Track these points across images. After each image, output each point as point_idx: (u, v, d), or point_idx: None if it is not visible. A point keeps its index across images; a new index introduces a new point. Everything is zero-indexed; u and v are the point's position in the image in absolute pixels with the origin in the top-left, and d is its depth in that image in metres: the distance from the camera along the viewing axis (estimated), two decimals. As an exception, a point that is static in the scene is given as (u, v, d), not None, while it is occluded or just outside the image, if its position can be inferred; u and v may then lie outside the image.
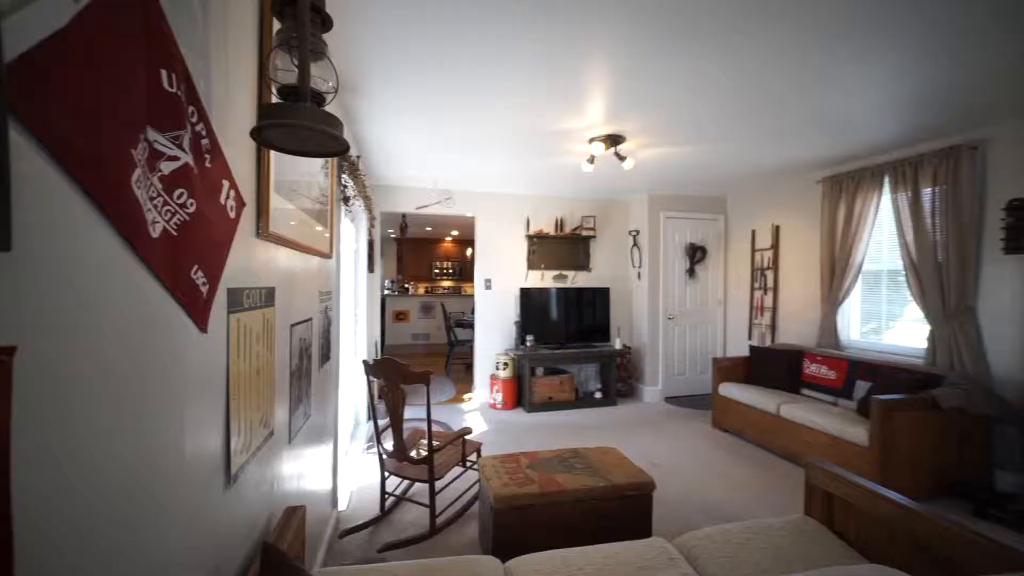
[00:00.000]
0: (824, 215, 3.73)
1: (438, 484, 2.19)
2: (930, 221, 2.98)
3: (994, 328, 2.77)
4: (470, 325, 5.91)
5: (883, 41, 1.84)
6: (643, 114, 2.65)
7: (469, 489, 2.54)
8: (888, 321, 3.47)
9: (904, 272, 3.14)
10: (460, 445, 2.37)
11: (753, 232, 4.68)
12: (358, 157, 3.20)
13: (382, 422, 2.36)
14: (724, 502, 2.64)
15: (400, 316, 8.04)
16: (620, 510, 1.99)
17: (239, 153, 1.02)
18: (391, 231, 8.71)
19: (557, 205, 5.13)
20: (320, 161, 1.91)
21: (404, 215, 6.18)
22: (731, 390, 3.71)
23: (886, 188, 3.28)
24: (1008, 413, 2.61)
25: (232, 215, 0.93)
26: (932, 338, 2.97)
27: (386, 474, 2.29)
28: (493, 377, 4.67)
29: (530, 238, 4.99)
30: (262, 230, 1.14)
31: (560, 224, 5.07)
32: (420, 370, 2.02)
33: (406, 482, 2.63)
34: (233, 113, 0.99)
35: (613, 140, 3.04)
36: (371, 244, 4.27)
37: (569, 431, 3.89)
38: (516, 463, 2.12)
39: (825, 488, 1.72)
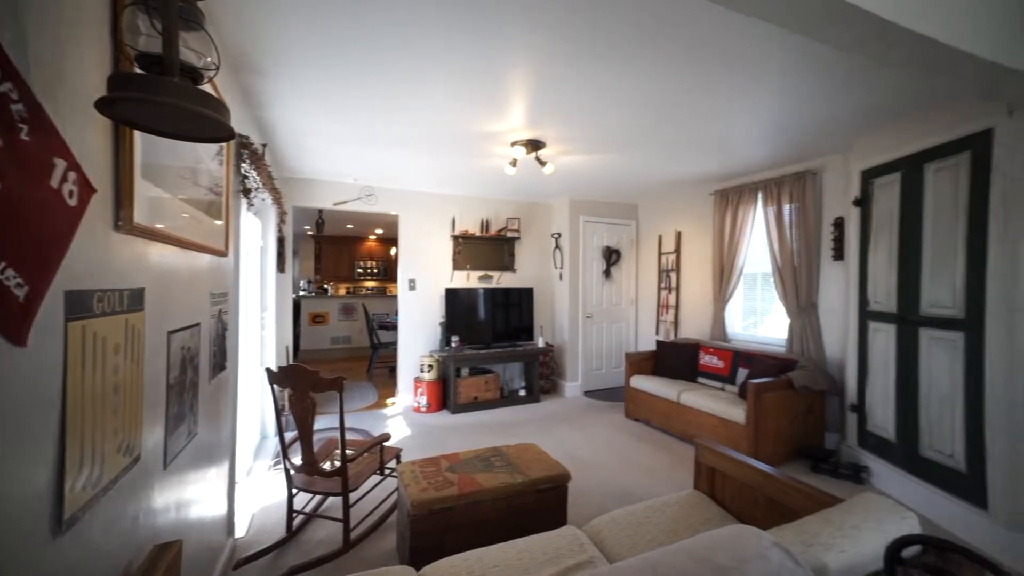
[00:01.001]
0: (715, 224, 4.23)
1: (354, 495, 2.09)
2: (789, 232, 3.53)
3: (827, 320, 3.38)
4: (394, 327, 5.71)
5: (753, 78, 2.13)
6: (560, 122, 2.78)
7: (388, 497, 2.46)
8: (762, 316, 4.03)
9: (772, 274, 3.67)
10: (378, 452, 2.29)
11: (660, 237, 5.14)
12: (264, 146, 2.93)
13: (290, 434, 2.19)
14: (633, 485, 2.87)
15: (318, 319, 7.51)
16: (538, 504, 2.08)
17: (88, 130, 0.86)
18: (307, 228, 8.11)
19: (483, 206, 5.16)
20: (213, 147, 1.73)
21: (321, 211, 5.79)
22: (641, 382, 4.04)
23: (760, 203, 3.80)
24: (834, 387, 3.20)
25: (73, 202, 0.78)
26: (790, 329, 3.53)
27: (294, 491, 2.13)
28: (417, 380, 4.57)
29: (456, 238, 4.97)
30: (123, 222, 0.99)
31: (486, 225, 5.11)
32: (332, 376, 1.92)
33: (319, 498, 2.47)
34: (75, 80, 0.82)
35: (534, 145, 3.15)
36: (281, 241, 3.94)
37: (494, 430, 3.94)
38: (436, 466, 2.10)
39: (709, 464, 1.95)
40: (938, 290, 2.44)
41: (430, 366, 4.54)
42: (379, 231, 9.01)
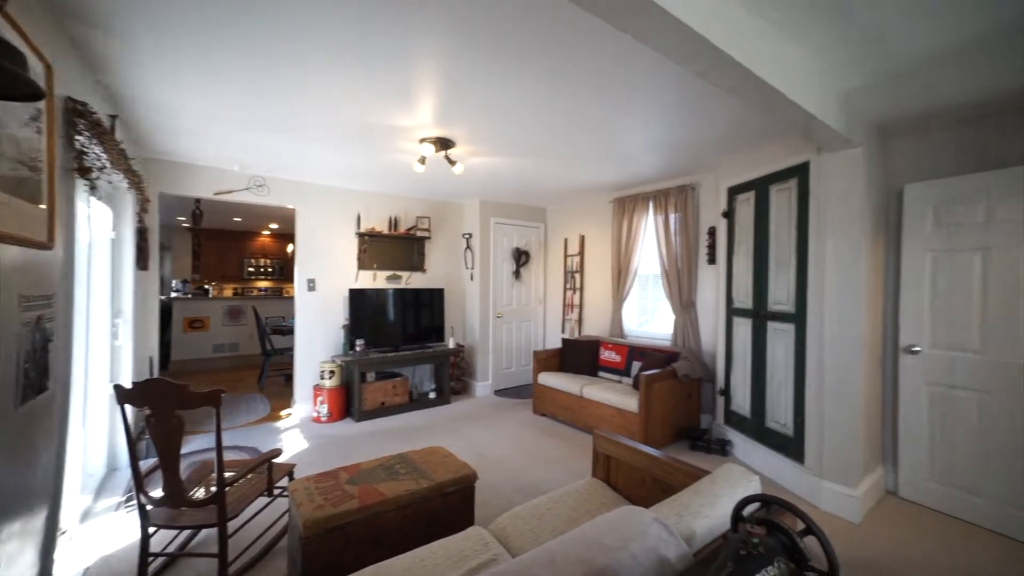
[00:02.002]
0: (614, 229, 4.60)
1: (234, 523, 1.85)
2: (674, 238, 4.00)
3: (704, 316, 3.90)
4: (290, 331, 5.21)
5: (642, 100, 2.37)
6: (470, 123, 2.79)
7: (278, 520, 2.23)
8: (653, 314, 4.50)
9: (661, 276, 4.12)
10: (265, 472, 2.06)
11: (566, 240, 5.44)
12: (113, 118, 2.47)
13: (148, 462, 1.86)
14: (540, 478, 2.99)
15: (196, 324, 6.52)
16: (445, 507, 2.05)
17: None
18: (182, 219, 6.99)
19: (391, 203, 4.96)
20: (23, 109, 1.39)
21: (198, 201, 5.03)
22: (547, 378, 4.23)
23: (651, 211, 4.24)
24: (709, 374, 3.71)
25: None
26: (675, 325, 4.00)
27: (152, 530, 1.80)
28: (317, 388, 4.22)
29: (361, 236, 4.69)
30: None
31: (394, 223, 4.92)
32: (207, 390, 1.68)
33: (187, 533, 2.14)
34: None
35: (443, 143, 3.11)
36: (142, 233, 3.34)
37: (402, 435, 3.81)
38: (335, 480, 1.96)
39: (605, 452, 2.12)
40: (779, 289, 2.96)
41: (332, 372, 4.23)
42: (274, 226, 8.13)
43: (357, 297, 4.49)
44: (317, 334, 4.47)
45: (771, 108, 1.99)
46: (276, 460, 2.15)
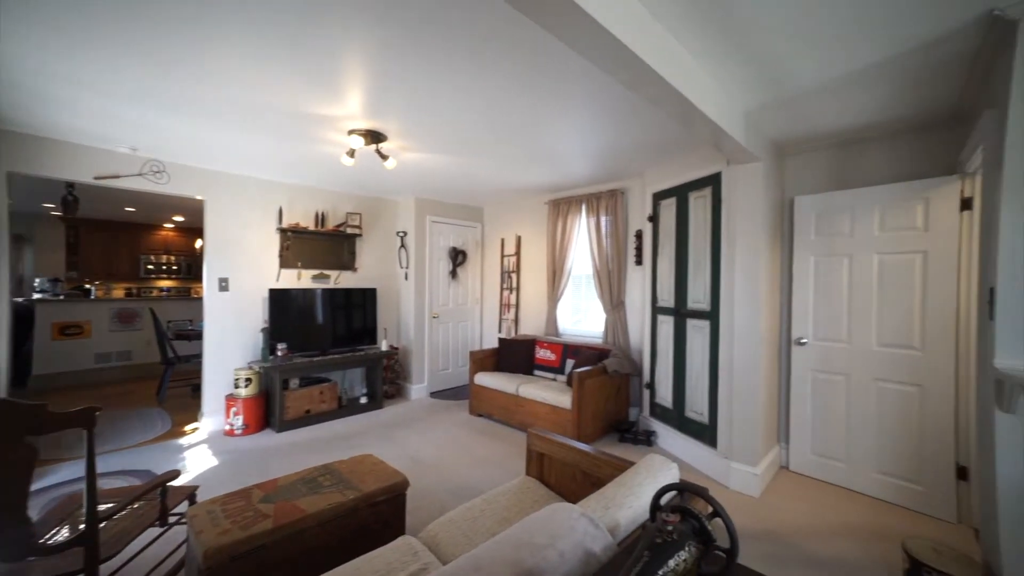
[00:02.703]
0: (549, 230, 4.71)
1: (115, 562, 1.60)
2: (605, 240, 4.19)
3: (632, 315, 4.14)
4: (199, 336, 4.66)
5: (575, 106, 2.44)
6: (403, 117, 2.69)
7: (174, 552, 1.98)
8: (586, 313, 4.67)
9: (593, 276, 4.30)
10: (158, 498, 1.81)
11: (502, 240, 5.47)
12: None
13: None
14: (475, 479, 2.97)
15: (71, 330, 5.58)
16: (374, 518, 1.95)
17: None
18: (49, 206, 5.96)
19: (318, 197, 4.64)
20: None
21: (71, 185, 4.31)
22: (483, 378, 4.22)
23: (584, 213, 4.40)
24: (636, 369, 3.95)
25: None
26: (606, 323, 4.20)
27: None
28: (231, 398, 3.82)
29: (284, 232, 4.33)
30: None
31: (321, 219, 4.60)
32: (77, 408, 1.43)
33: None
34: None
35: (374, 137, 2.97)
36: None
37: (330, 444, 3.58)
38: (246, 499, 1.78)
39: (538, 450, 2.15)
40: (697, 289, 3.22)
41: (248, 380, 3.86)
42: (180, 218, 7.23)
43: (279, 298, 4.14)
44: (231, 338, 4.04)
45: (688, 120, 2.15)
46: (173, 483, 1.90)
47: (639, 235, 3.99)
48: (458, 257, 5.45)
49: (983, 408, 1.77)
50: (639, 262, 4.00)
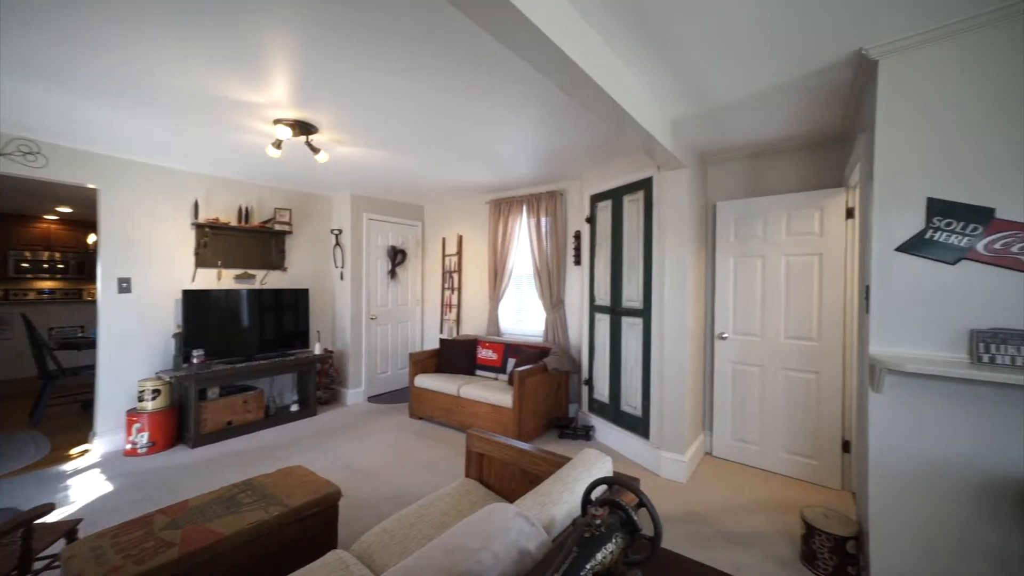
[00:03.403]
0: (490, 230, 4.71)
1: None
2: (545, 241, 4.28)
3: (571, 313, 4.27)
4: (92, 344, 4.08)
5: (514, 108, 2.46)
6: (335, 109, 2.54)
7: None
8: (527, 312, 4.74)
9: (533, 276, 4.37)
10: (16, 542, 1.55)
11: (444, 239, 5.39)
12: None
13: None
14: (415, 485, 2.89)
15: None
16: (302, 534, 1.83)
17: None
18: None
19: (241, 191, 4.26)
20: None
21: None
22: (424, 380, 4.13)
23: (524, 214, 4.46)
24: (575, 367, 4.07)
25: None
26: (546, 322, 4.28)
27: None
28: (133, 413, 3.39)
29: (201, 228, 3.92)
30: None
31: (245, 214, 4.23)
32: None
33: None
34: None
35: (303, 128, 2.78)
36: None
37: (255, 458, 3.30)
38: (146, 528, 1.58)
39: (478, 451, 2.14)
40: (631, 288, 3.39)
41: (156, 391, 3.45)
42: (66, 209, 6.26)
43: (195, 300, 3.75)
44: (133, 346, 3.59)
45: (621, 126, 2.25)
46: (44, 519, 1.63)
47: (577, 236, 4.12)
48: (397, 256, 5.28)
49: (860, 389, 2.04)
50: (578, 262, 4.13)
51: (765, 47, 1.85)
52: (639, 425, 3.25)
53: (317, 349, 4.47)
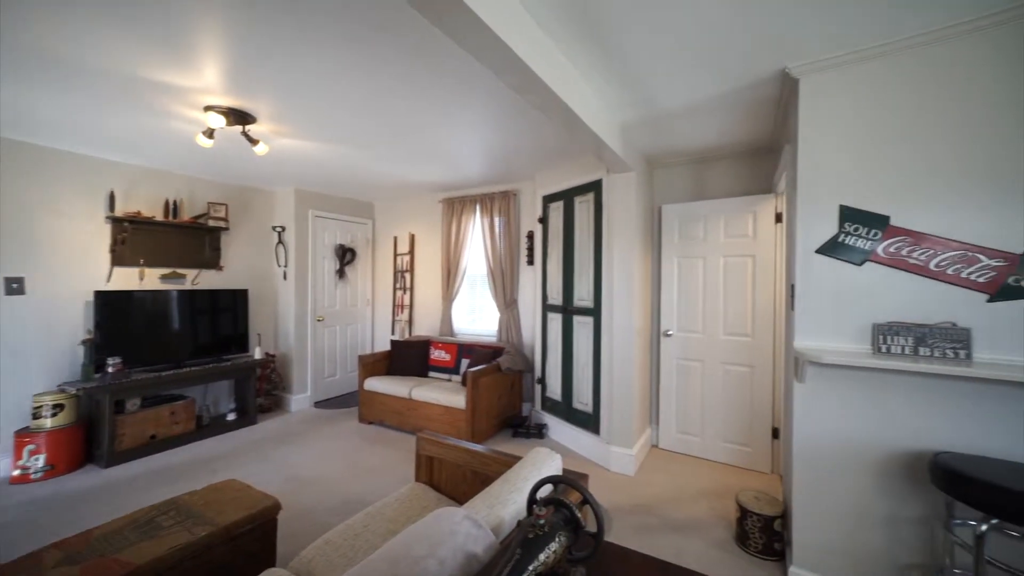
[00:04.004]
0: (443, 229, 4.64)
1: None
2: (499, 241, 4.28)
3: (524, 313, 4.31)
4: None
5: (467, 107, 2.43)
6: (277, 100, 2.40)
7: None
8: (481, 312, 4.72)
9: (487, 276, 4.35)
10: None
11: (395, 238, 5.24)
12: None
13: None
14: (363, 492, 2.78)
15: None
16: (235, 553, 1.70)
17: None
18: None
19: (168, 182, 3.89)
20: None
21: None
22: (374, 383, 3.99)
23: (478, 213, 4.44)
24: (528, 366, 4.12)
25: None
26: (500, 322, 4.29)
27: None
28: (25, 434, 2.98)
29: (118, 222, 3.54)
30: None
31: (173, 208, 3.86)
32: None
33: None
34: None
35: (239, 117, 2.59)
36: None
37: (182, 474, 3.03)
38: (31, 568, 1.39)
39: (428, 454, 2.10)
40: (582, 288, 3.46)
41: (58, 407, 3.06)
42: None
43: (111, 302, 3.37)
44: (28, 356, 3.16)
45: (572, 128, 2.28)
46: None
47: (531, 236, 4.16)
48: (346, 255, 5.06)
49: (787, 380, 2.22)
50: (531, 262, 4.16)
51: (702, 62, 1.96)
52: (590, 421, 3.34)
53: (257, 353, 4.18)
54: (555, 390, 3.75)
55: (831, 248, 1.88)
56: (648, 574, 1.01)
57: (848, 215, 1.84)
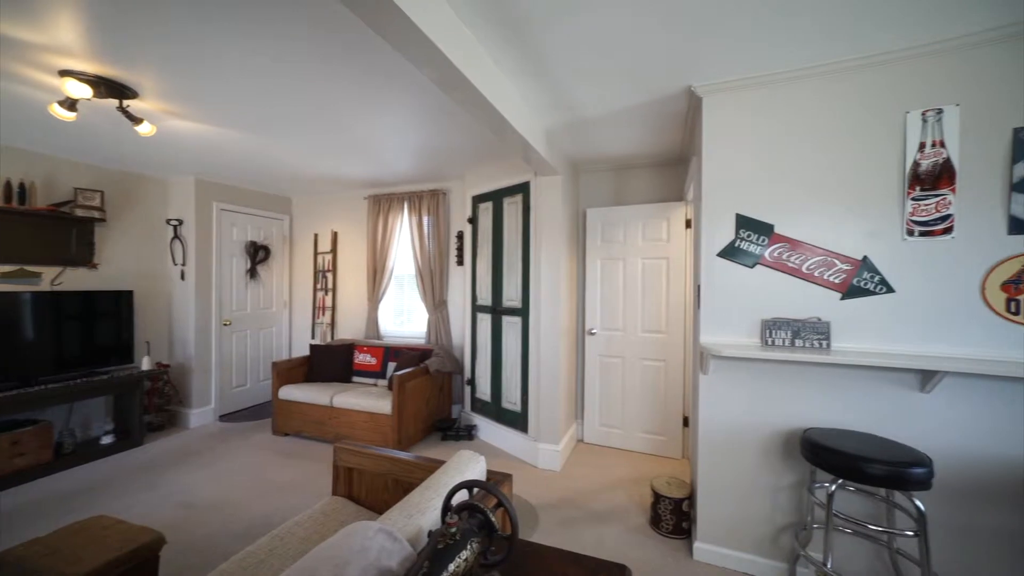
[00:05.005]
0: (369, 227, 4.42)
1: None
2: (428, 240, 4.17)
3: (454, 314, 4.25)
4: None
5: (391, 98, 2.32)
6: (167, 74, 2.10)
7: None
8: (410, 313, 4.57)
9: (415, 276, 4.23)
10: None
11: (316, 236, 4.88)
12: None
13: None
14: (275, 512, 2.54)
15: None
16: (104, 600, 1.44)
17: None
18: None
19: (14, 162, 3.23)
20: None
21: None
22: (291, 391, 3.68)
23: (406, 212, 4.29)
24: (458, 367, 4.07)
25: None
26: (429, 323, 4.19)
27: None
28: None
29: (-57, 207, 2.86)
30: None
31: (20, 192, 3.21)
32: None
33: None
34: None
35: (114, 89, 2.22)
36: None
37: (29, 518, 2.53)
38: None
39: (347, 465, 1.97)
40: (510, 288, 3.49)
41: None
42: None
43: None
44: None
45: (499, 130, 2.28)
46: None
47: (460, 236, 4.11)
48: (259, 253, 4.61)
49: (694, 372, 2.42)
50: (460, 262, 4.11)
51: (618, 73, 2.06)
52: (519, 420, 3.38)
53: (145, 364, 3.64)
54: (485, 391, 3.74)
55: (729, 252, 2.08)
56: (562, 568, 1.03)
57: (743, 223, 2.06)
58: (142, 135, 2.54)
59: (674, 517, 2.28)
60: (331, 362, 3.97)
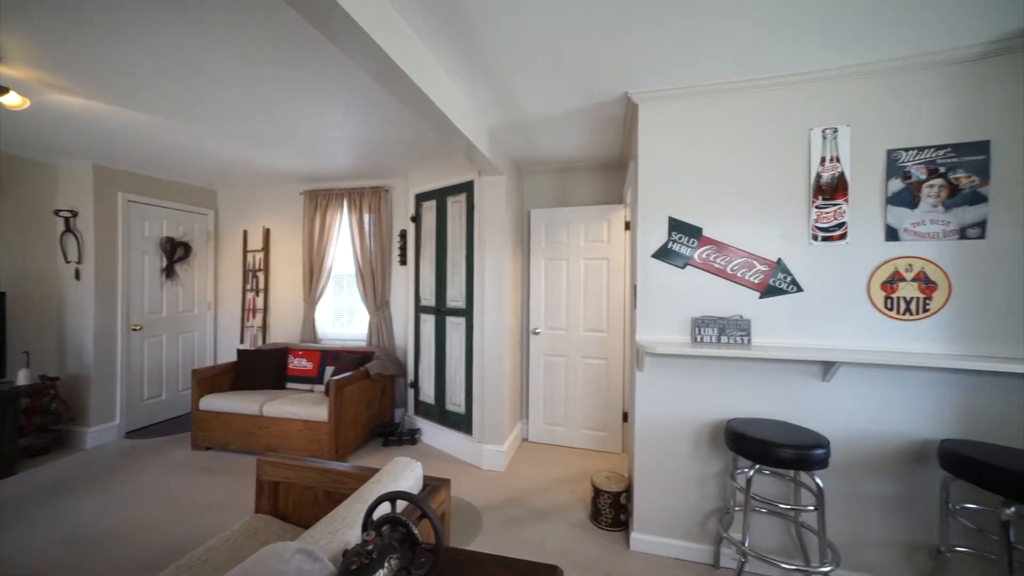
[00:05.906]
0: (305, 224, 4.16)
1: None
2: (369, 239, 4.00)
3: (397, 315, 4.12)
4: None
5: (325, 87, 2.18)
6: (45, 38, 1.82)
7: None
8: (351, 315, 4.36)
9: (356, 276, 4.04)
10: None
11: (245, 232, 4.51)
12: None
13: None
14: (188, 536, 2.30)
15: None
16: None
17: None
18: None
19: None
20: None
21: None
22: (214, 401, 3.36)
23: (346, 209, 4.08)
24: (401, 370, 3.94)
25: None
26: (370, 325, 4.02)
27: None
28: None
29: None
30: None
31: None
32: None
33: None
34: None
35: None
36: None
37: None
38: None
39: (271, 479, 1.82)
40: (454, 288, 3.43)
41: None
42: None
43: None
44: None
45: (441, 127, 2.22)
46: None
47: (403, 235, 3.98)
48: (177, 251, 4.17)
49: (631, 369, 2.51)
50: (403, 262, 3.99)
51: (558, 75, 2.08)
52: (463, 422, 3.32)
53: (22, 378, 3.15)
54: (428, 393, 3.65)
55: (663, 254, 2.18)
56: (493, 572, 1.01)
57: (674, 225, 2.16)
58: (8, 107, 2.18)
59: (613, 510, 2.35)
60: (262, 368, 3.68)
